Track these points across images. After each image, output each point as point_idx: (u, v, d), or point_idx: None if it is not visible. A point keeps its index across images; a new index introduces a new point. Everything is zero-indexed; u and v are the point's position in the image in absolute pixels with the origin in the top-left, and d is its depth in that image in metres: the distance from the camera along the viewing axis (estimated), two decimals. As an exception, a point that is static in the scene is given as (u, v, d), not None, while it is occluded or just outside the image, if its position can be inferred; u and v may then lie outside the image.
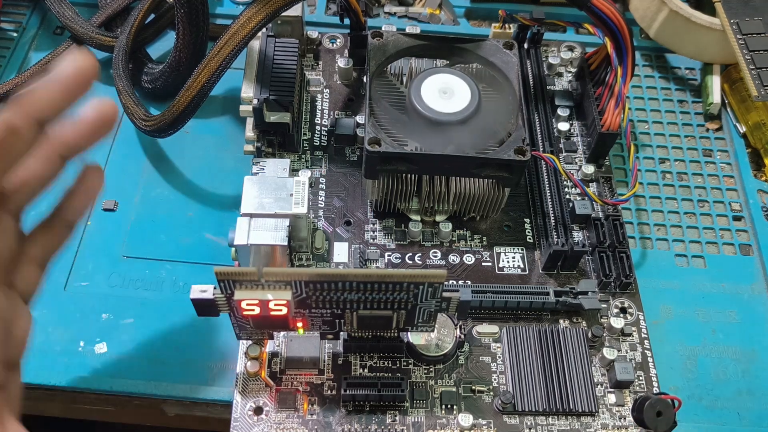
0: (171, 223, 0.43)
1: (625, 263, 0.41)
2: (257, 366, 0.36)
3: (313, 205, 0.42)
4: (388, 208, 0.42)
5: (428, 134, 0.39)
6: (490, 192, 0.40)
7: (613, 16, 0.39)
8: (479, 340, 0.39)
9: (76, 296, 0.40)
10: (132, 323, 0.39)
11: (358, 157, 0.45)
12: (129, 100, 0.45)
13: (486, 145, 0.39)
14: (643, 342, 0.39)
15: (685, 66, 0.54)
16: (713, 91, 0.51)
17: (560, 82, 0.49)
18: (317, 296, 0.31)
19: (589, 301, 0.39)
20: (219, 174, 0.46)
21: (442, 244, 0.42)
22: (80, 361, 0.38)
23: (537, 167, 0.44)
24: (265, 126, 0.41)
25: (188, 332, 0.39)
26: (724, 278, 0.44)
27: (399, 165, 0.38)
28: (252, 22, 0.38)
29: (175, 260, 0.42)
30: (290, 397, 0.36)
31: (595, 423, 0.36)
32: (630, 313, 0.40)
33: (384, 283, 0.30)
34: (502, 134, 0.39)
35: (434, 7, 0.55)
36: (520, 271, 0.41)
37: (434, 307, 0.33)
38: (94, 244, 0.42)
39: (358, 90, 0.47)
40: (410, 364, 0.38)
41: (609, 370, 0.38)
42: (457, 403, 0.36)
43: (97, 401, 0.39)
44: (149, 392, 0.37)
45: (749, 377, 0.40)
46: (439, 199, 0.41)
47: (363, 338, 0.37)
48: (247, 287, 0.30)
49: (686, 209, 0.47)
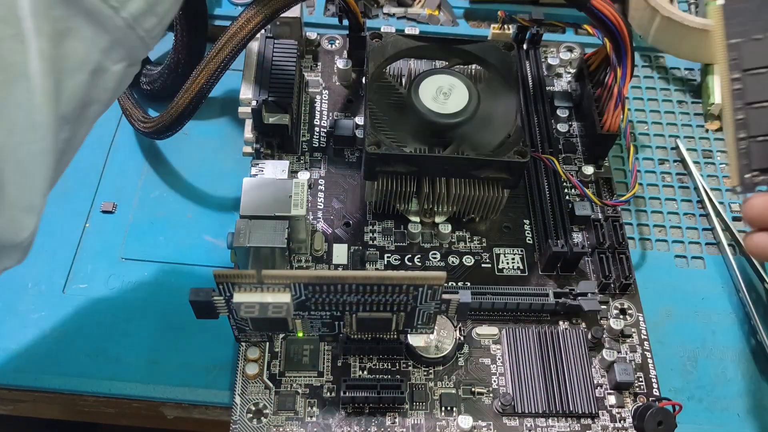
0: (170, 225, 0.43)
1: (625, 264, 0.41)
2: (256, 368, 0.36)
3: (312, 207, 0.42)
4: (387, 209, 0.42)
5: (427, 136, 0.39)
6: (490, 193, 0.40)
7: (612, 17, 0.39)
8: (479, 342, 0.39)
9: (75, 299, 0.40)
10: (131, 325, 0.39)
11: (357, 158, 0.45)
12: (127, 102, 0.45)
13: (485, 147, 0.39)
14: (642, 343, 0.39)
15: (684, 66, 0.54)
16: (714, 92, 0.51)
17: (559, 83, 0.49)
18: (316, 298, 0.31)
19: (589, 303, 0.39)
20: (218, 176, 0.46)
21: (442, 246, 0.42)
22: (79, 364, 0.38)
23: (536, 168, 0.44)
24: (264, 127, 0.41)
25: (187, 334, 0.39)
26: (723, 279, 0.43)
27: (398, 166, 0.38)
28: (251, 24, 0.38)
29: (173, 262, 0.42)
30: (289, 400, 0.36)
31: (595, 425, 0.36)
32: (630, 315, 0.40)
33: (383, 285, 0.30)
34: (501, 135, 0.39)
35: (433, 8, 0.55)
36: (520, 272, 0.41)
37: (434, 309, 0.33)
38: (93, 247, 0.42)
39: (357, 91, 0.47)
40: (410, 366, 0.37)
41: (609, 372, 0.38)
42: (456, 405, 0.36)
43: (97, 404, 0.39)
44: (148, 395, 0.37)
45: (749, 378, 0.40)
46: (438, 200, 0.41)
47: (362, 340, 0.36)
48: (246, 289, 0.30)
49: (686, 210, 0.46)
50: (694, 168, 0.48)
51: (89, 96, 0.27)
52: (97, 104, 0.28)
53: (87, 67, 0.27)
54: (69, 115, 0.26)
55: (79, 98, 0.27)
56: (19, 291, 0.40)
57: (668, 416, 0.35)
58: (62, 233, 0.42)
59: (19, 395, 0.39)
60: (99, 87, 0.28)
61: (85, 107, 0.27)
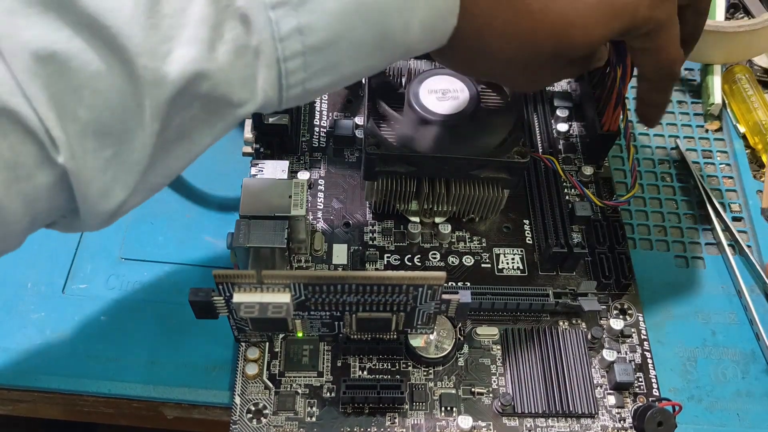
0: (169, 225, 0.43)
1: (625, 264, 0.41)
2: (256, 368, 0.36)
3: (312, 207, 0.42)
4: (387, 209, 0.42)
5: (427, 136, 0.39)
6: (490, 193, 0.40)
7: (612, 17, 0.39)
8: (478, 342, 0.39)
9: (75, 299, 0.40)
10: (130, 326, 0.39)
11: (357, 158, 0.45)
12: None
13: (485, 147, 0.39)
14: (642, 343, 0.39)
15: (684, 67, 0.54)
16: (714, 92, 0.51)
17: (559, 83, 0.49)
18: (316, 299, 0.31)
19: (589, 303, 0.39)
20: (217, 176, 0.46)
21: (442, 246, 0.42)
22: (79, 364, 0.38)
23: (536, 168, 0.44)
24: (263, 128, 0.41)
25: (187, 335, 0.39)
26: (723, 280, 0.43)
27: (398, 166, 0.38)
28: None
29: (173, 262, 0.42)
30: (289, 400, 0.36)
31: (594, 425, 0.36)
32: (629, 315, 0.40)
33: (383, 286, 0.30)
34: (501, 136, 0.39)
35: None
36: (520, 272, 0.41)
37: (433, 309, 0.33)
38: (92, 247, 0.42)
39: (357, 91, 0.47)
40: (409, 366, 0.37)
41: (609, 372, 0.38)
42: (456, 405, 0.36)
43: (96, 404, 0.39)
44: (148, 395, 0.37)
45: (749, 379, 0.40)
46: (438, 200, 0.41)
47: (362, 340, 0.36)
48: (246, 290, 0.30)
49: (686, 210, 0.46)
50: (694, 168, 0.48)
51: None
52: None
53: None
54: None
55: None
56: (19, 291, 0.40)
57: (668, 417, 0.35)
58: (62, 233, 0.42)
59: (18, 395, 0.39)
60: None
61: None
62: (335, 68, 0.27)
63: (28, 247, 0.32)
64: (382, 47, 0.27)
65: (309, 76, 0.26)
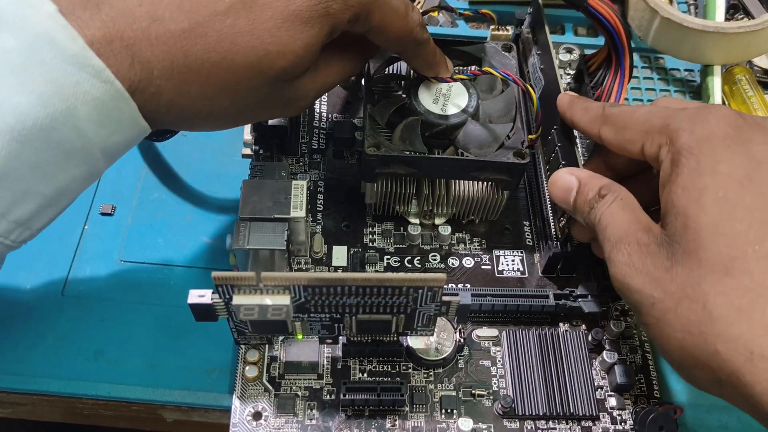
0: (169, 227, 0.43)
1: (625, 266, 0.40)
2: (256, 371, 0.36)
3: (312, 209, 0.42)
4: (386, 211, 0.42)
5: (427, 137, 0.39)
6: (490, 195, 0.40)
7: (610, 17, 0.39)
8: (479, 344, 0.39)
9: (74, 301, 0.40)
10: (130, 328, 0.39)
11: (356, 160, 0.45)
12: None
13: (485, 148, 0.39)
14: (643, 345, 0.39)
15: (684, 67, 0.53)
16: (714, 93, 0.50)
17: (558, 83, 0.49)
18: (316, 301, 0.31)
19: (589, 305, 0.39)
20: (217, 178, 0.46)
21: (442, 248, 0.42)
22: (78, 367, 0.38)
23: (536, 169, 0.43)
24: (263, 129, 0.41)
25: (186, 337, 0.39)
26: (724, 280, 0.43)
27: (398, 168, 0.38)
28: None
29: (172, 265, 0.42)
30: (289, 402, 0.36)
31: (595, 427, 0.36)
32: (630, 317, 0.40)
33: (383, 287, 0.30)
34: (501, 137, 0.39)
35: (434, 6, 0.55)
36: (520, 274, 0.41)
37: (434, 311, 0.32)
38: (92, 249, 0.42)
39: (356, 93, 0.47)
40: (410, 369, 0.37)
41: (609, 374, 0.38)
42: (457, 408, 0.36)
43: (96, 407, 0.39)
44: (147, 398, 0.37)
45: (750, 380, 0.40)
46: (438, 202, 0.41)
47: (362, 342, 0.36)
48: (246, 292, 0.30)
49: (686, 211, 0.46)
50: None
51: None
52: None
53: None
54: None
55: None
56: (18, 293, 0.40)
57: (669, 420, 0.35)
58: (61, 236, 0.42)
59: (17, 398, 0.39)
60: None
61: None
62: (29, 194, 0.27)
63: (27, 250, 0.32)
64: (69, 157, 0.27)
65: (3, 210, 0.27)
